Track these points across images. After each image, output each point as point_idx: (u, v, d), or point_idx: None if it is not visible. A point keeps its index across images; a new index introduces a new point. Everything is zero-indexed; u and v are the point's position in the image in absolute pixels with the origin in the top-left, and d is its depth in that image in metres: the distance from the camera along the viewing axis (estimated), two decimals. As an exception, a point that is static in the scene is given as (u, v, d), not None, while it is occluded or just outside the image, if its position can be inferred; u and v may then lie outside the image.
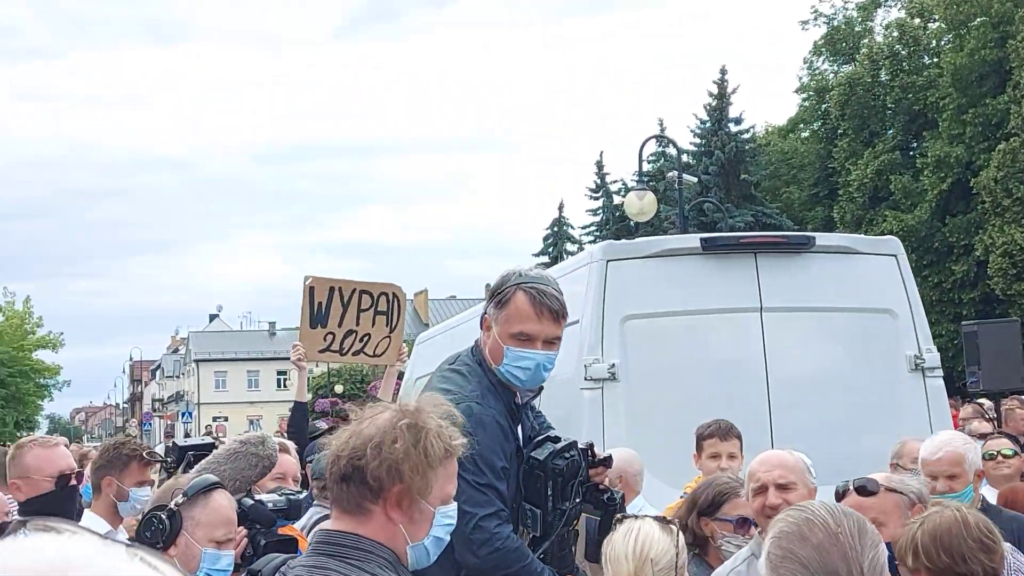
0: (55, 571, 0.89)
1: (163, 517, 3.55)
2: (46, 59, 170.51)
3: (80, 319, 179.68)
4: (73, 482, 4.65)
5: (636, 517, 3.65)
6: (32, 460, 4.52)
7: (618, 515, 3.79)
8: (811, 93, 46.85)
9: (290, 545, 4.13)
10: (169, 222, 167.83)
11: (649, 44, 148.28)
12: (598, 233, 53.53)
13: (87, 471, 5.76)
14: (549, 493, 4.06)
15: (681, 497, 6.10)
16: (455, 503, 2.70)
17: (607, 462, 4.46)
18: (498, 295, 4.31)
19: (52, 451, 4.63)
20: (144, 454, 4.98)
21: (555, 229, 60.66)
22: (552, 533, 4.06)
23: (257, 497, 4.16)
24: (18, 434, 65.03)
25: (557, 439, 4.29)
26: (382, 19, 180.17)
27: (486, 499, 3.95)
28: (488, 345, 4.30)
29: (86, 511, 5.14)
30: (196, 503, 3.60)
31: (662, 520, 3.61)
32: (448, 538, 2.71)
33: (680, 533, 3.58)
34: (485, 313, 4.37)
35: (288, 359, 8.03)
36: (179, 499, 3.58)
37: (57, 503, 4.55)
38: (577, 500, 4.17)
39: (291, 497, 4.37)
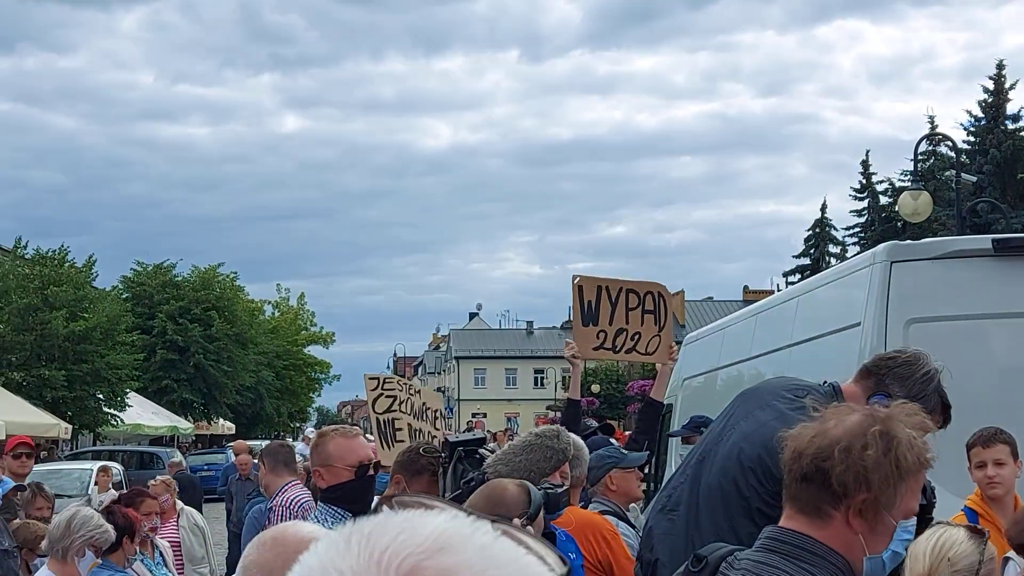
0: (434, 547, 0.92)
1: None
2: (321, 66, 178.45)
3: (349, 315, 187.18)
4: (371, 472, 4.84)
5: (949, 524, 3.54)
6: (335, 449, 4.72)
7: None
8: (1097, 86, 44.16)
9: (550, 539, 4.21)
10: (434, 222, 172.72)
11: (916, 39, 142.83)
12: (863, 235, 51.93)
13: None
14: None
15: (961, 510, 5.90)
16: (915, 518, 2.62)
17: None
18: (925, 401, 3.66)
19: (353, 441, 4.82)
20: (432, 460, 5.16)
21: (817, 230, 59.24)
22: None
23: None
24: (292, 425, 68.39)
25: None
26: (636, 19, 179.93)
27: None
28: None
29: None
30: (531, 525, 3.53)
31: (972, 529, 3.48)
32: (905, 552, 2.62)
33: (988, 544, 3.45)
34: (889, 386, 3.82)
35: (545, 358, 8.17)
36: (523, 521, 3.51)
37: (355, 491, 4.73)
38: None
39: (550, 491, 4.43)
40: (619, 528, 5.42)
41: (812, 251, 58.64)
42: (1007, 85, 45.18)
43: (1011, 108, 45.29)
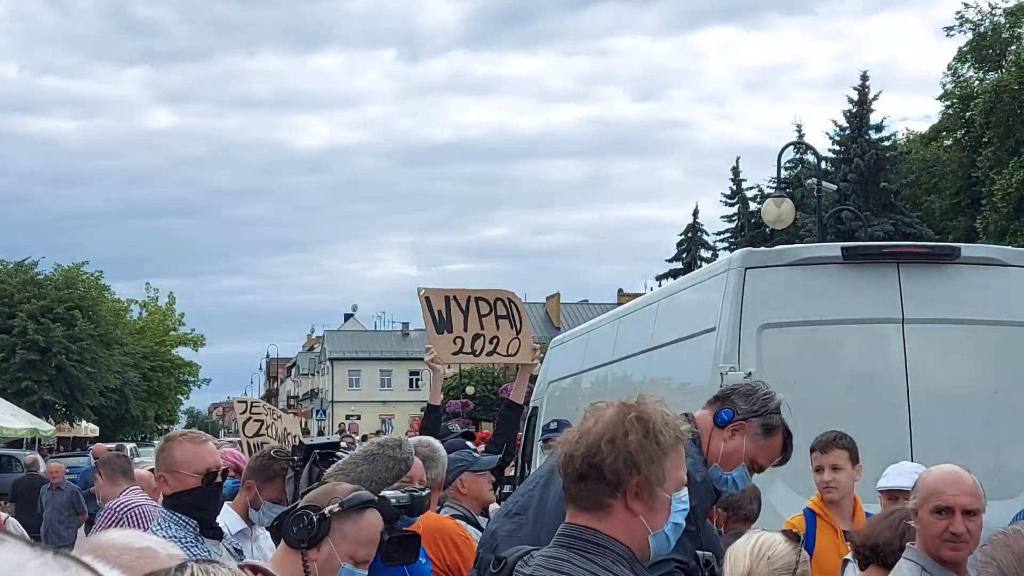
0: None
1: (314, 519, 3.58)
2: (193, 61, 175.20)
3: (221, 315, 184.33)
4: (218, 479, 4.75)
5: (764, 530, 3.66)
6: (181, 455, 4.62)
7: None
8: (955, 100, 45.59)
9: (413, 541, 4.19)
10: (308, 222, 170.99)
11: (786, 48, 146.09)
12: (733, 240, 52.96)
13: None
14: None
15: (802, 511, 6.05)
16: (686, 488, 2.77)
17: None
18: (768, 417, 4.07)
19: (201, 447, 4.71)
20: (285, 464, 5.10)
21: (689, 235, 60.23)
22: None
23: (381, 494, 4.20)
24: (158, 427, 67.06)
25: None
26: (514, 21, 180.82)
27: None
28: (727, 447, 4.05)
29: (225, 504, 5.29)
30: (349, 517, 3.60)
31: (788, 534, 3.61)
32: (684, 523, 2.78)
33: (803, 549, 3.58)
34: (739, 414, 4.07)
35: (421, 359, 8.17)
36: (335, 507, 3.58)
37: (202, 499, 4.64)
38: None
39: (414, 494, 4.40)
40: (471, 532, 5.41)
41: (684, 255, 59.55)
42: (871, 96, 46.48)
43: (874, 118, 46.63)
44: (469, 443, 7.57)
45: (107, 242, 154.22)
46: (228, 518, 5.23)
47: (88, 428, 50.05)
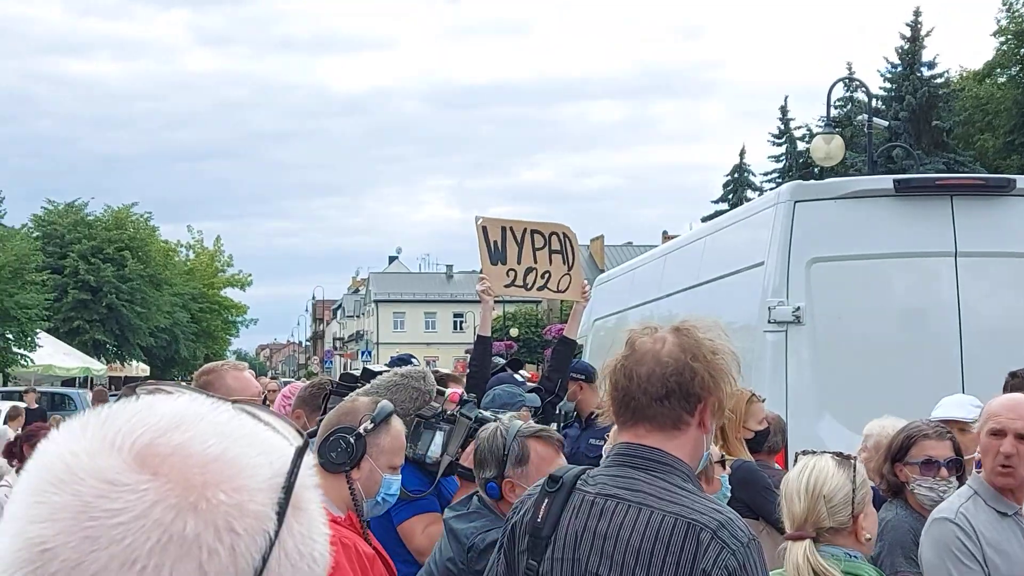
0: (168, 425, 0.94)
1: (351, 440, 3.61)
2: (233, 3, 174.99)
3: (265, 258, 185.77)
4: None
5: (815, 452, 3.58)
6: (234, 382, 4.65)
7: (798, 451, 3.73)
8: (1009, 36, 44.70)
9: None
10: (350, 165, 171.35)
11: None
12: (780, 180, 52.43)
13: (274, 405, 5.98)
14: None
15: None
16: None
17: None
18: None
19: (247, 373, 4.79)
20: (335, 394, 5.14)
21: (736, 176, 59.67)
22: None
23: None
24: (208, 367, 67.60)
25: None
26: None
27: None
28: None
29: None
30: (381, 430, 3.67)
31: (839, 456, 3.53)
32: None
33: (858, 467, 3.50)
34: None
35: (465, 302, 8.15)
36: (367, 425, 3.63)
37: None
38: None
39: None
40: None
41: (730, 196, 59.06)
42: (923, 32, 45.68)
43: (927, 56, 45.84)
44: (521, 372, 7.57)
45: (149, 184, 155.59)
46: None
47: (139, 368, 50.65)
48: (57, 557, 0.90)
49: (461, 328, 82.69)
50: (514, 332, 56.01)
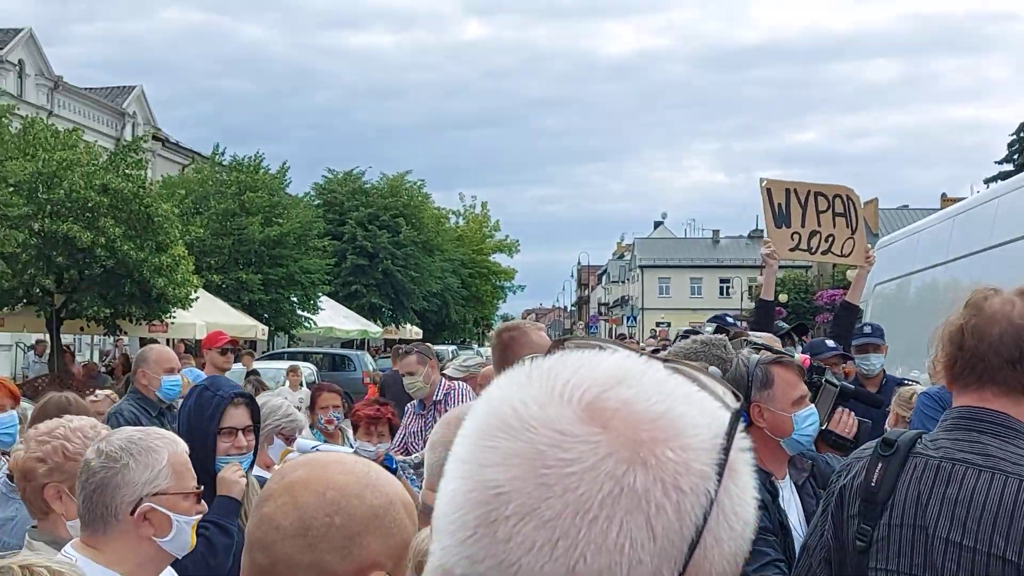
0: (612, 380, 0.96)
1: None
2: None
3: (531, 224, 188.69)
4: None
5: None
6: (537, 339, 4.73)
7: None
8: None
9: None
10: (616, 130, 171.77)
11: None
12: (1071, 139, 49.26)
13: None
14: None
15: None
16: None
17: None
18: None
19: (544, 334, 4.84)
20: None
21: (1022, 135, 56.43)
22: None
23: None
24: (475, 331, 69.44)
25: None
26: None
27: None
28: None
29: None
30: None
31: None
32: None
33: None
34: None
35: (732, 267, 8.01)
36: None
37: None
38: None
39: None
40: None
41: (1016, 156, 55.97)
42: None
43: None
44: (804, 338, 7.42)
45: (422, 152, 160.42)
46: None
47: (412, 331, 52.49)
48: (512, 501, 0.93)
49: (727, 294, 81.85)
50: (783, 298, 54.93)
